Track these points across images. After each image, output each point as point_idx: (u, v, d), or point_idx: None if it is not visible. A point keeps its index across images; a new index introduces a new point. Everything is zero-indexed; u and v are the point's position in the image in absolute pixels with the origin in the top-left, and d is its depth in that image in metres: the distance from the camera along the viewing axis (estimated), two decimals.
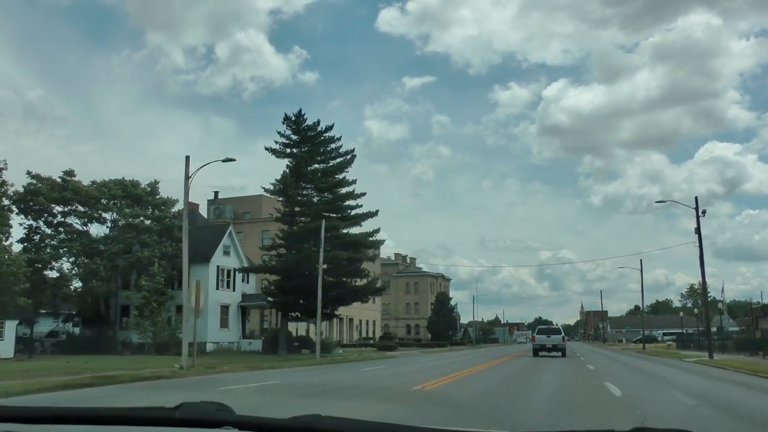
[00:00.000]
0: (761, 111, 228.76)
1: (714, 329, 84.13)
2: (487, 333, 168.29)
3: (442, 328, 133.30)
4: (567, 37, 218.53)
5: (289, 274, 46.49)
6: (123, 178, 51.00)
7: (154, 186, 49.43)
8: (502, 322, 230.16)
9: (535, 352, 47.13)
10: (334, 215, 46.78)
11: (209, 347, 49.95)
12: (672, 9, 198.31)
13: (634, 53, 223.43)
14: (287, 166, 47.07)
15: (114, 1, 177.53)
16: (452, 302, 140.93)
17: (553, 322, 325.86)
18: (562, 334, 50.08)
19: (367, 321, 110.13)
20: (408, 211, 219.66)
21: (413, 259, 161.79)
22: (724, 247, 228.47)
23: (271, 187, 46.64)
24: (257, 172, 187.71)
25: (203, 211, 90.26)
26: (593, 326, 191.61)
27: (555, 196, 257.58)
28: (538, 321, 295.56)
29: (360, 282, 52.11)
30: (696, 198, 46.75)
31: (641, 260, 67.60)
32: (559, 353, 46.58)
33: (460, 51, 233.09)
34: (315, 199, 47.99)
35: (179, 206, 47.74)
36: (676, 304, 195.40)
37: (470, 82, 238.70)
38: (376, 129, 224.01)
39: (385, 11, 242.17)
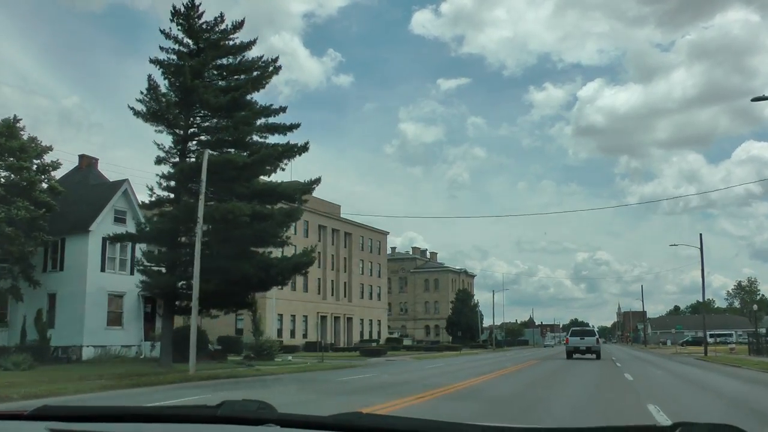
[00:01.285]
0: None
1: None
2: (516, 334, 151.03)
3: (463, 329, 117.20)
4: (602, 37, 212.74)
5: (169, 242, 30.59)
6: None
7: (10, 124, 33.74)
8: (536, 323, 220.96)
9: (569, 354, 44.87)
10: (246, 154, 30.30)
11: (87, 353, 34.56)
12: (709, 6, 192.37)
13: (670, 52, 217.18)
14: (168, 77, 30.64)
15: (147, 7, 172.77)
16: (474, 300, 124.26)
17: (589, 324, 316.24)
18: (597, 336, 47.07)
19: (370, 321, 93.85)
20: (444, 214, 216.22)
21: (434, 254, 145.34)
22: (762, 248, 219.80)
23: (144, 108, 29.84)
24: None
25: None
26: (631, 328, 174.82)
27: (591, 197, 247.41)
28: (574, 323, 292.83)
29: (278, 256, 36.03)
30: None
31: (701, 235, 49.79)
32: (594, 356, 43.87)
33: (494, 52, 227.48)
34: (209, 127, 31.43)
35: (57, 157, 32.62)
36: (719, 304, 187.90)
37: (505, 83, 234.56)
38: (411, 131, 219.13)
39: (418, 13, 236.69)
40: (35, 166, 34.75)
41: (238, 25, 31.40)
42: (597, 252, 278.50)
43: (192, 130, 30.73)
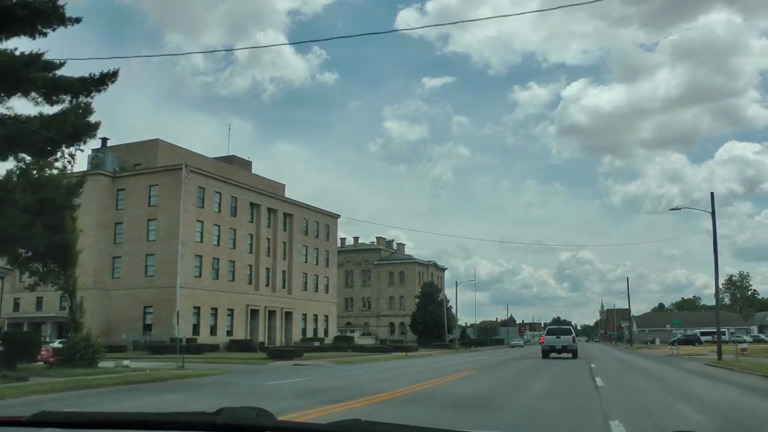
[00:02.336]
0: None
1: None
2: (490, 333, 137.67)
3: (429, 326, 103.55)
4: (587, 36, 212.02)
5: None
6: None
7: None
8: (517, 321, 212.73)
9: (545, 353, 42.78)
10: None
11: None
12: (693, 7, 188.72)
13: (654, 52, 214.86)
14: None
15: (132, 2, 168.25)
16: (442, 295, 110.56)
17: (571, 322, 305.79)
18: (573, 335, 45.05)
19: (315, 316, 79.90)
20: (427, 213, 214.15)
21: (401, 245, 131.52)
22: (743, 247, 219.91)
23: None
24: (277, 173, 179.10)
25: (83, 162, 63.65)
26: (614, 326, 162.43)
27: (574, 196, 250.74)
28: (556, 321, 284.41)
29: None
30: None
31: (712, 194, 36.05)
32: (570, 355, 42.22)
33: (479, 51, 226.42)
34: None
35: None
36: (705, 301, 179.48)
37: (490, 82, 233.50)
38: (395, 130, 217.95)
39: (404, 12, 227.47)
40: None
41: None
42: (580, 251, 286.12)
43: None
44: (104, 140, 71.30)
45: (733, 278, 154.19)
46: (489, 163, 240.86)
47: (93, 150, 70.91)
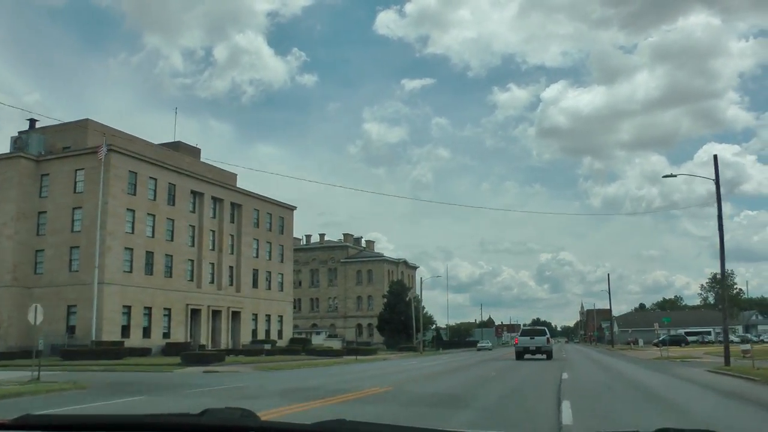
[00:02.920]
0: (760, 111, 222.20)
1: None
2: (464, 334, 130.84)
3: (398, 327, 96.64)
4: (566, 38, 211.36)
5: None
6: None
7: None
8: (497, 323, 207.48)
9: (518, 355, 42.39)
10: None
11: None
12: (672, 9, 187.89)
13: (633, 54, 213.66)
14: None
15: (110, 3, 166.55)
16: (410, 294, 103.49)
17: (551, 324, 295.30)
18: (547, 335, 43.77)
19: (268, 316, 72.62)
20: (407, 214, 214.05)
21: (371, 242, 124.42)
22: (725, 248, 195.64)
23: None
24: (257, 176, 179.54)
25: (5, 143, 56.60)
26: (595, 326, 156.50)
27: (554, 198, 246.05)
28: (535, 322, 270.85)
29: None
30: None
31: (715, 157, 29.18)
32: (544, 356, 41.58)
33: (459, 53, 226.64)
34: None
35: None
36: (687, 301, 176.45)
37: (469, 84, 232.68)
38: (375, 132, 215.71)
39: (383, 14, 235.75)
40: None
41: None
42: (560, 252, 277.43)
43: None
44: (32, 122, 63.75)
45: (718, 276, 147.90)
46: (469, 165, 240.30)
47: (19, 132, 63.59)
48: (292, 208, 78.90)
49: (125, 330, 56.61)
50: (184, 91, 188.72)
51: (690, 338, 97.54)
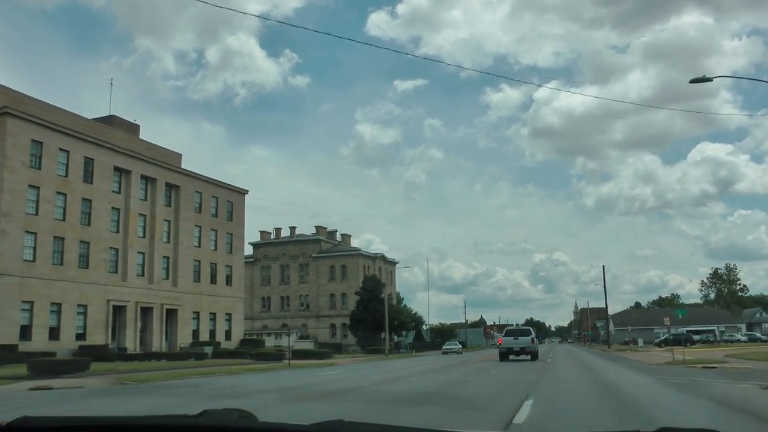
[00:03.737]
0: (753, 110, 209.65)
1: None
2: (447, 335, 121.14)
3: (372, 327, 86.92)
4: (559, 38, 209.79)
5: None
6: None
7: None
8: (488, 323, 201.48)
9: (502, 356, 40.36)
10: None
11: None
12: (664, 8, 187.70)
13: (626, 53, 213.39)
14: None
15: (101, 5, 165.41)
16: (388, 291, 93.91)
17: (545, 324, 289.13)
18: (532, 336, 41.74)
19: (213, 315, 62.88)
20: (401, 216, 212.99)
21: (347, 236, 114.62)
22: (717, 247, 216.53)
23: None
24: (249, 178, 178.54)
25: None
26: (589, 326, 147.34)
27: (548, 198, 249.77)
28: (529, 322, 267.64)
29: None
30: None
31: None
32: (528, 357, 39.99)
33: (451, 54, 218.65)
34: None
35: None
36: (686, 299, 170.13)
37: (462, 84, 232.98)
38: (368, 133, 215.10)
39: (374, 15, 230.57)
40: None
41: None
42: (554, 253, 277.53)
43: None
44: None
45: (719, 272, 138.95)
46: (462, 166, 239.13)
47: None
48: (243, 192, 69.10)
49: (25, 330, 46.84)
50: (176, 93, 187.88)
51: (695, 337, 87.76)
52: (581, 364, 34.55)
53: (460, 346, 79.33)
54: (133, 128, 63.38)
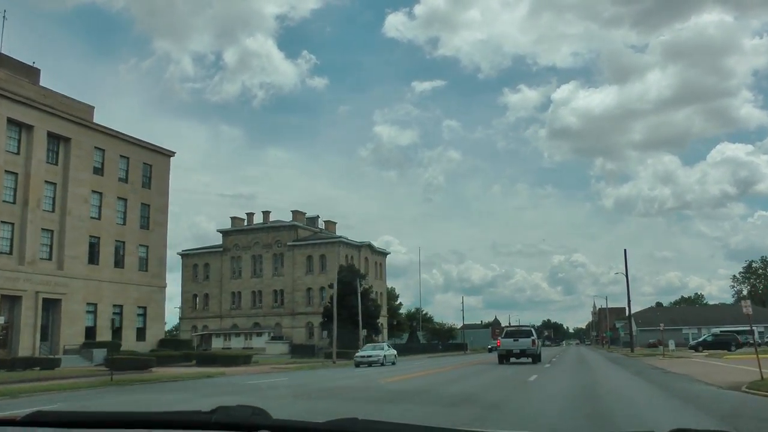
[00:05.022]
0: None
1: None
2: (446, 337, 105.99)
3: (347, 327, 72.23)
4: (577, 38, 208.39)
5: None
6: None
7: None
8: (502, 324, 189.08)
9: (501, 358, 38.19)
10: None
11: None
12: (684, 7, 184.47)
13: (645, 53, 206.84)
14: None
15: (119, 8, 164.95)
16: (366, 284, 78.95)
17: (563, 325, 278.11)
18: (533, 337, 39.09)
19: (119, 307, 48.06)
20: (419, 217, 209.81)
21: (331, 223, 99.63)
22: (737, 249, 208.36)
23: None
24: (267, 180, 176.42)
25: None
26: (608, 326, 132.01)
27: (566, 199, 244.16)
28: (545, 324, 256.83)
29: None
30: None
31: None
32: (529, 359, 37.40)
33: (469, 54, 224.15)
34: None
35: None
36: (708, 300, 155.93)
37: (480, 85, 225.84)
38: (386, 134, 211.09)
39: (392, 16, 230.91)
40: None
41: None
42: (573, 254, 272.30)
43: None
44: None
45: (754, 265, 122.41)
46: (480, 167, 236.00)
47: None
48: (167, 154, 54.34)
49: None
50: (194, 96, 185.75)
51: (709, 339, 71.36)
52: (587, 381, 19.83)
53: (390, 353, 47.97)
54: (30, 71, 48.89)
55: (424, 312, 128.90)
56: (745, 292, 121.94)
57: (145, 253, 51.48)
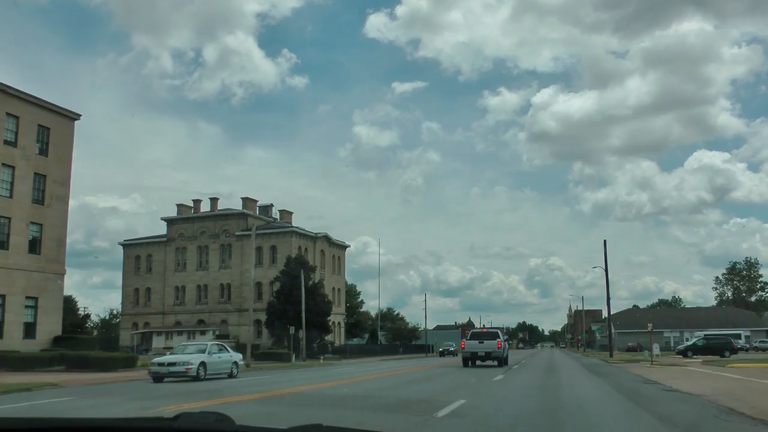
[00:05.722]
0: (750, 119, 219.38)
1: None
2: (409, 337, 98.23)
3: (293, 324, 64.47)
4: (559, 42, 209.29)
5: None
6: None
7: None
8: (476, 326, 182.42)
9: (465, 362, 36.53)
10: None
11: None
12: (665, 14, 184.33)
13: (625, 59, 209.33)
14: None
15: (97, 2, 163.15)
16: (317, 276, 71.19)
17: (539, 328, 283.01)
18: (500, 339, 36.90)
19: (2, 299, 39.34)
20: (397, 219, 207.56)
21: (287, 213, 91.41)
22: (712, 255, 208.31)
23: None
24: (245, 179, 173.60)
25: None
26: (584, 329, 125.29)
27: (544, 203, 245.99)
28: (521, 326, 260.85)
29: None
30: None
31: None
32: (495, 362, 35.32)
33: (450, 56, 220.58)
34: None
35: None
36: (685, 304, 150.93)
37: (460, 87, 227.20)
38: (365, 135, 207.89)
39: (373, 16, 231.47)
40: None
41: None
42: (550, 257, 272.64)
43: None
44: None
45: (738, 266, 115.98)
46: (459, 169, 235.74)
47: None
48: (72, 117, 45.92)
49: None
50: (172, 93, 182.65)
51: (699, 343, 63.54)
52: (550, 406, 11.97)
53: (222, 359, 23.97)
54: None
55: (395, 312, 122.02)
56: (729, 295, 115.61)
57: (39, 232, 42.99)
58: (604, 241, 57.07)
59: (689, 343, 53.65)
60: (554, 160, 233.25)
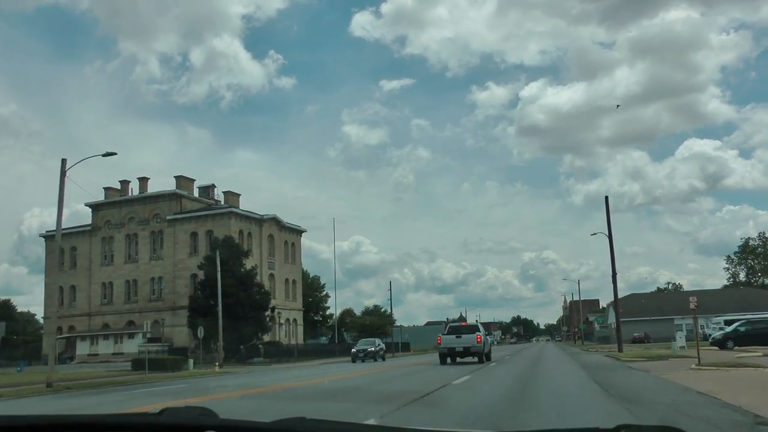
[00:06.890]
0: (741, 105, 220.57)
1: None
2: (378, 334, 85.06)
3: (228, 323, 51.54)
4: (545, 35, 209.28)
5: None
6: None
7: None
8: (468, 321, 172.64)
9: (443, 358, 33.95)
10: None
11: None
12: (651, 3, 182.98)
13: (613, 49, 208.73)
14: None
15: (82, 9, 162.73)
16: (249, 266, 57.90)
17: (534, 322, 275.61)
18: (479, 333, 34.71)
19: None
20: (389, 217, 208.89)
21: (233, 195, 78.12)
22: (706, 243, 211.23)
23: None
24: (236, 182, 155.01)
25: None
26: (581, 320, 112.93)
27: (536, 196, 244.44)
28: (515, 321, 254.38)
29: None
30: None
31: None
32: (475, 358, 33.07)
33: (437, 53, 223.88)
34: None
35: None
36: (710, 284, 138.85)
37: (448, 83, 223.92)
38: (354, 134, 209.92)
39: (358, 15, 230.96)
40: None
41: None
42: (544, 251, 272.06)
43: None
44: None
45: (751, 242, 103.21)
46: (450, 166, 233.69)
47: None
48: None
49: None
50: (160, 98, 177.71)
51: (741, 329, 49.38)
52: None
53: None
54: None
55: (382, 309, 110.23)
56: (742, 276, 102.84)
57: None
58: (606, 197, 44.57)
59: (728, 329, 40.47)
60: (544, 153, 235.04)
